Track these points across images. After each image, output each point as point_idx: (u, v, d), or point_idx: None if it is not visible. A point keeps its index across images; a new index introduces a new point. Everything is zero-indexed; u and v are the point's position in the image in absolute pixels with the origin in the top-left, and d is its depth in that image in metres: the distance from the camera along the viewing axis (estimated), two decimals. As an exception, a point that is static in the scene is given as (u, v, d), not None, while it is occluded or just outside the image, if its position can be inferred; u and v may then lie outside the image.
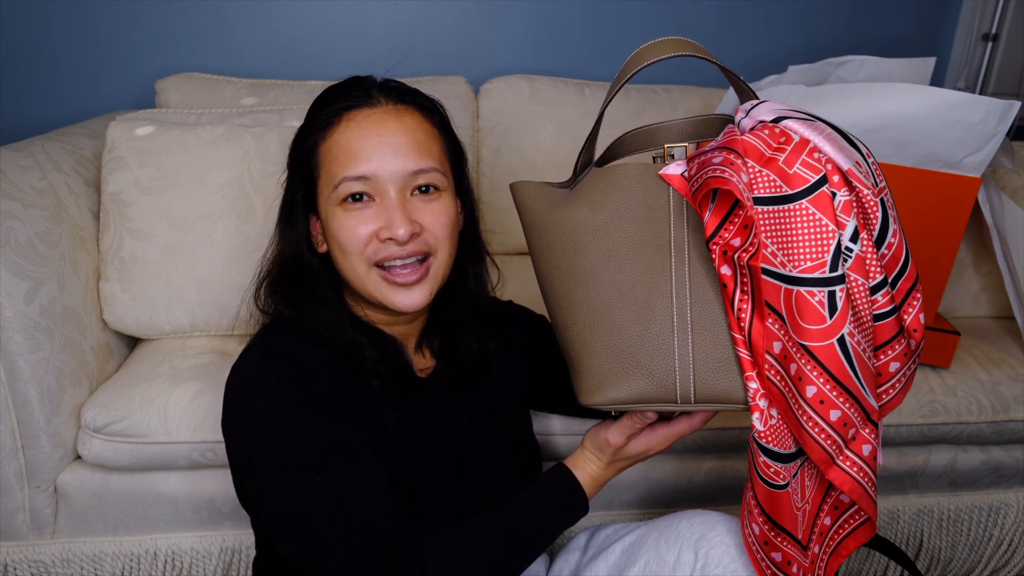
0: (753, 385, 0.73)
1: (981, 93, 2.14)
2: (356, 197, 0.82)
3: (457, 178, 0.90)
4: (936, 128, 1.21)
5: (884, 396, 0.78)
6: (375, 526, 0.76)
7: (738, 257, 0.71)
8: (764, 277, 0.70)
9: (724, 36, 2.03)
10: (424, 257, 0.84)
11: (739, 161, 0.71)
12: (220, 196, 1.30)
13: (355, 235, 0.82)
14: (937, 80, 2.19)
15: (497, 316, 0.98)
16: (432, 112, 0.88)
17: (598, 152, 0.87)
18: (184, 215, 1.28)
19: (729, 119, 0.80)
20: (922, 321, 0.75)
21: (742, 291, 0.72)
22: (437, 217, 0.84)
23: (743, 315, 0.72)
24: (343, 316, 0.87)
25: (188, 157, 1.30)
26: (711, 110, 1.80)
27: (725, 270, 0.73)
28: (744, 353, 0.73)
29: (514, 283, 1.13)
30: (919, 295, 0.75)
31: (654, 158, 0.80)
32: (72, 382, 1.16)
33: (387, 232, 0.81)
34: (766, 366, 0.72)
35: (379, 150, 0.81)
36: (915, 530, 1.45)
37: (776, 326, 0.71)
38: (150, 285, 1.28)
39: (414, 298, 0.84)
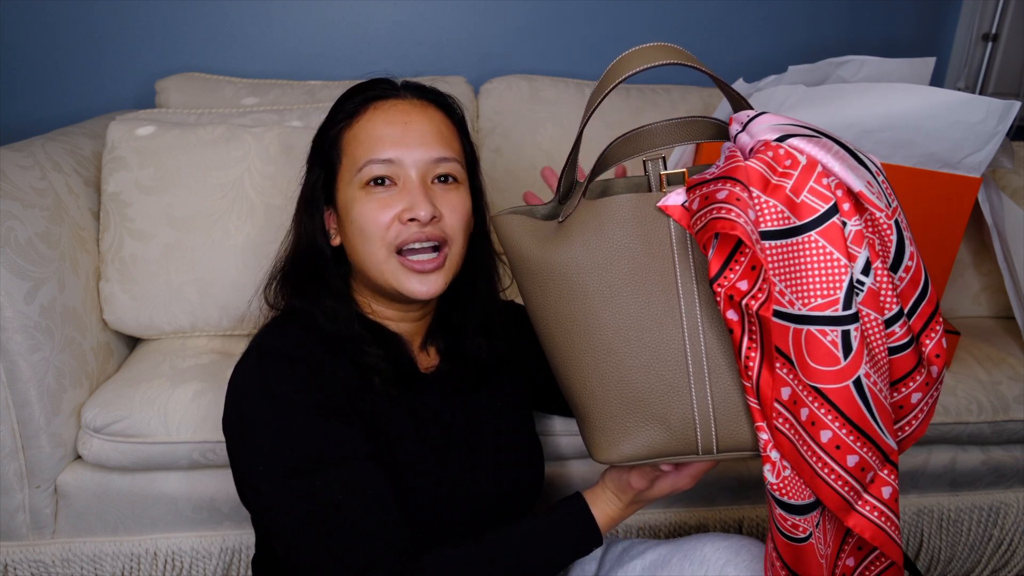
0: (764, 436, 0.69)
1: (981, 93, 2.14)
2: (379, 181, 0.83)
3: (471, 179, 0.92)
4: (936, 128, 1.21)
5: (907, 428, 0.73)
6: (369, 531, 0.76)
7: (746, 304, 0.66)
8: (773, 319, 0.65)
9: (724, 36, 2.03)
10: (440, 245, 0.84)
11: (745, 195, 0.65)
12: (220, 196, 1.29)
13: (376, 219, 0.83)
14: (937, 80, 2.19)
15: (507, 319, 0.98)
16: (453, 111, 0.91)
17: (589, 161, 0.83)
18: (184, 215, 1.28)
19: (720, 123, 0.76)
20: (944, 346, 0.70)
21: (750, 338, 0.67)
22: (454, 207, 0.85)
23: (751, 363, 0.68)
24: (350, 310, 0.87)
25: (188, 157, 1.30)
26: (711, 110, 1.80)
27: (731, 315, 0.68)
28: (753, 402, 0.69)
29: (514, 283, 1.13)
30: (941, 319, 0.71)
31: (644, 162, 0.76)
32: (72, 382, 1.16)
33: (409, 213, 0.82)
34: (774, 415, 0.68)
35: (404, 136, 0.83)
36: (915, 530, 1.45)
37: (785, 370, 0.66)
38: (150, 285, 1.28)
39: (429, 285, 0.84)
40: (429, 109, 0.87)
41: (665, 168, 0.76)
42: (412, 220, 0.82)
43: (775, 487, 0.69)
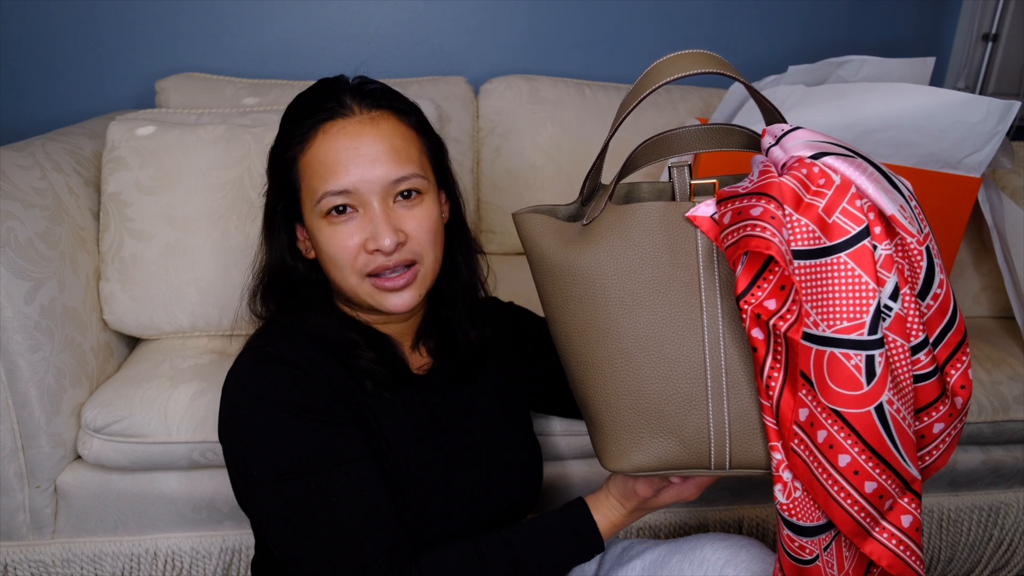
0: (777, 456, 0.68)
1: (981, 93, 2.14)
2: (340, 209, 0.81)
3: (439, 172, 0.90)
4: (936, 128, 1.21)
5: (927, 458, 0.72)
6: (364, 533, 0.76)
7: (774, 324, 0.65)
8: (801, 342, 0.64)
9: (724, 36, 2.03)
10: (411, 264, 0.84)
11: (780, 212, 0.64)
12: (220, 196, 1.29)
13: (343, 248, 0.82)
14: (937, 80, 2.19)
15: (491, 305, 0.98)
16: (407, 114, 0.87)
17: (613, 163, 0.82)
18: (184, 215, 1.28)
19: (752, 134, 0.74)
20: (970, 377, 0.69)
21: (774, 359, 0.66)
22: (420, 223, 0.83)
23: (772, 383, 0.67)
24: (334, 318, 0.87)
25: (188, 157, 1.30)
26: (711, 111, 1.80)
27: (756, 333, 0.66)
28: (770, 422, 0.68)
29: (514, 283, 1.13)
30: (968, 350, 0.69)
31: (670, 168, 0.75)
32: (72, 382, 1.16)
33: (373, 243, 0.81)
34: (794, 439, 0.67)
35: (357, 162, 0.80)
36: (915, 530, 1.45)
37: (804, 391, 0.65)
38: (150, 285, 1.28)
39: (404, 299, 0.84)
40: (380, 121, 0.83)
41: (692, 176, 0.74)
42: (377, 250, 0.81)
43: (785, 507, 0.68)
